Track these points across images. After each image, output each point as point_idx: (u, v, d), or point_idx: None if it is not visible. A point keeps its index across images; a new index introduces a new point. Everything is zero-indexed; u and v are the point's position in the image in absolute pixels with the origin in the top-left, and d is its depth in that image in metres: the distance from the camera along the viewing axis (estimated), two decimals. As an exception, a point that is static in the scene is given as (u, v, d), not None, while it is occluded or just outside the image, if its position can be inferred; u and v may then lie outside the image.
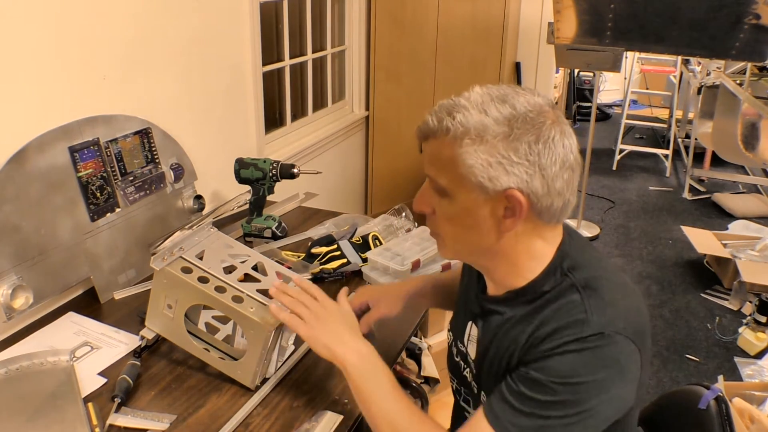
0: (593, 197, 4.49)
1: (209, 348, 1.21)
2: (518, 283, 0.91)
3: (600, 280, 0.87)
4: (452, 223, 0.89)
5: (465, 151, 0.82)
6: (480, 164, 0.82)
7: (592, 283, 0.86)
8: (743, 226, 3.85)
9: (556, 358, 0.81)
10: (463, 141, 0.82)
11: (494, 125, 0.81)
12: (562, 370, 0.80)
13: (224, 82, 2.15)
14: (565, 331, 0.82)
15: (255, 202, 1.85)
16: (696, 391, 1.06)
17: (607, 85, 6.60)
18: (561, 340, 0.81)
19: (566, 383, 0.80)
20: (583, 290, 0.85)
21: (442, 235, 0.93)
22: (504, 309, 0.92)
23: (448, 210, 0.88)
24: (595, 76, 4.28)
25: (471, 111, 0.82)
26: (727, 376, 2.51)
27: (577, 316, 0.83)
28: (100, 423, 1.08)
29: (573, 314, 0.83)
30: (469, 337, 1.01)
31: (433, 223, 0.93)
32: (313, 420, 1.10)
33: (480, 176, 0.82)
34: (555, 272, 0.89)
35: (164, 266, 1.15)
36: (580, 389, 0.80)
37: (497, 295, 0.95)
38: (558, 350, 0.81)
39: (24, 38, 1.37)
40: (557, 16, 3.22)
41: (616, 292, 0.87)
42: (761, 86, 4.04)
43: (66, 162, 1.45)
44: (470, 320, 1.01)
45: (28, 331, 1.38)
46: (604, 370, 0.81)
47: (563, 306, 0.85)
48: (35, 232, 1.37)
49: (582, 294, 0.85)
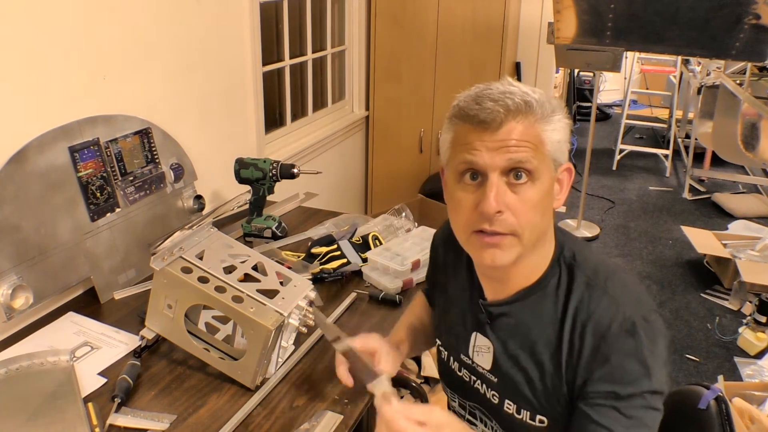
0: (593, 197, 4.48)
1: (209, 348, 1.21)
2: (527, 281, 0.91)
3: (605, 266, 0.91)
4: (537, 209, 0.84)
5: (554, 127, 0.84)
6: (564, 139, 0.85)
7: (599, 268, 0.90)
8: (743, 226, 3.85)
9: (615, 357, 0.83)
10: (554, 117, 0.84)
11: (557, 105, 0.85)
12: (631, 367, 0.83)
13: (224, 82, 2.15)
14: (607, 325, 0.84)
15: (255, 202, 1.85)
16: (696, 391, 1.06)
17: (607, 85, 6.60)
18: (610, 337, 0.84)
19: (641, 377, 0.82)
20: (594, 277, 0.88)
21: (523, 229, 0.84)
22: (517, 310, 0.92)
23: (532, 196, 0.83)
24: (595, 76, 4.27)
25: (532, 92, 0.84)
26: (727, 376, 2.51)
27: (610, 305, 0.85)
28: (100, 423, 1.08)
29: (602, 305, 0.86)
30: (476, 348, 0.99)
31: (506, 222, 0.83)
32: (313, 420, 1.10)
33: (558, 151, 0.85)
34: (560, 262, 0.91)
35: (164, 266, 1.15)
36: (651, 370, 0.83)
37: (505, 298, 0.94)
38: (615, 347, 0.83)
39: (24, 38, 1.37)
40: (557, 16, 3.22)
41: (625, 275, 0.92)
42: (761, 86, 4.04)
43: (66, 162, 1.45)
44: (474, 331, 0.99)
45: (28, 331, 1.38)
46: (659, 345, 0.85)
47: (586, 298, 0.87)
48: (35, 232, 1.37)
49: (597, 280, 0.88)
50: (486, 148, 0.82)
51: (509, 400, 0.95)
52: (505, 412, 0.96)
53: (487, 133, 0.82)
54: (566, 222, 4.02)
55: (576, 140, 5.49)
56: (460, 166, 0.85)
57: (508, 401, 0.95)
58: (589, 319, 0.85)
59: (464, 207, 0.86)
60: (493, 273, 0.93)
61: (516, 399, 0.94)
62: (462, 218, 0.87)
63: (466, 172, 0.85)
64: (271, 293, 1.16)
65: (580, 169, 3.97)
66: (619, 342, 0.83)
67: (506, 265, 0.86)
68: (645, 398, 0.83)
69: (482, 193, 0.82)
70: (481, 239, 0.85)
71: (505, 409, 0.96)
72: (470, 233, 0.86)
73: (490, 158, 0.82)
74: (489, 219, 0.82)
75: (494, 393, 0.98)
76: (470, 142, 0.83)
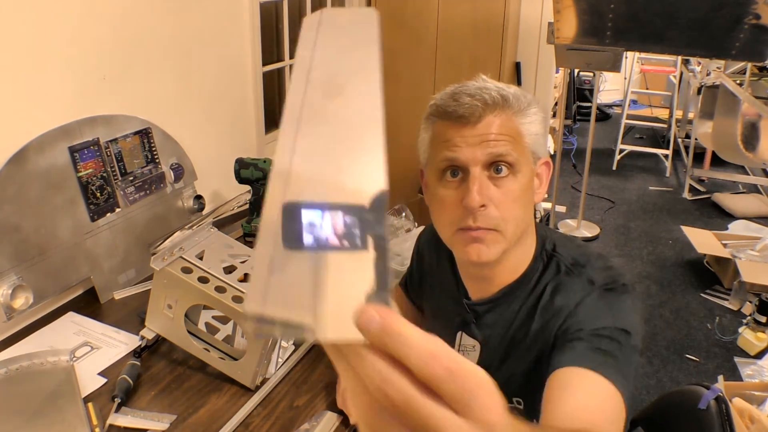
0: (593, 197, 4.48)
1: (209, 348, 1.21)
2: (510, 277, 0.92)
3: (580, 251, 0.92)
4: (519, 202, 0.85)
5: (531, 120, 0.85)
6: (542, 132, 0.86)
7: (577, 255, 0.91)
8: (743, 226, 3.85)
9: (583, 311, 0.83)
10: (530, 110, 0.85)
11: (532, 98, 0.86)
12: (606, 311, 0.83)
13: (224, 82, 2.15)
14: (582, 296, 0.85)
15: (255, 202, 1.85)
16: (696, 391, 1.06)
17: (607, 85, 6.60)
18: (586, 299, 0.84)
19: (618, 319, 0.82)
20: (573, 264, 0.90)
21: (507, 222, 0.84)
22: (501, 307, 0.92)
23: (514, 189, 0.84)
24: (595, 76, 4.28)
25: (507, 87, 0.85)
26: (727, 376, 2.51)
27: (584, 282, 0.87)
28: (100, 423, 1.08)
29: (578, 283, 0.87)
30: (462, 348, 0.99)
31: (490, 216, 0.83)
32: (313, 420, 1.10)
33: (536, 144, 0.86)
34: (542, 256, 0.92)
35: (164, 266, 1.15)
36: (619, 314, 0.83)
37: (488, 296, 0.94)
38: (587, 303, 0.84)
39: (24, 38, 1.37)
40: (557, 16, 3.21)
41: (604, 260, 0.92)
42: (761, 86, 4.04)
43: (66, 162, 1.45)
44: (458, 331, 1.00)
45: (28, 331, 1.38)
46: (635, 310, 0.85)
47: (562, 282, 0.88)
48: (35, 232, 1.37)
49: (576, 266, 0.89)
50: (466, 143, 0.82)
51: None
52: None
53: (466, 128, 0.82)
54: (566, 222, 4.02)
55: (576, 140, 5.49)
56: (441, 163, 0.85)
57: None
58: (566, 303, 0.86)
59: (447, 204, 0.86)
60: (478, 271, 0.93)
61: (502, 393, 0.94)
62: (446, 216, 0.87)
63: (447, 169, 0.85)
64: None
65: (580, 169, 3.97)
66: (589, 304, 0.84)
67: (491, 261, 0.86)
68: (613, 334, 0.80)
69: (465, 188, 0.83)
70: (465, 235, 0.85)
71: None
72: (455, 231, 0.86)
73: (471, 153, 0.82)
74: (473, 214, 0.83)
75: None
76: (450, 138, 0.83)
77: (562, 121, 4.09)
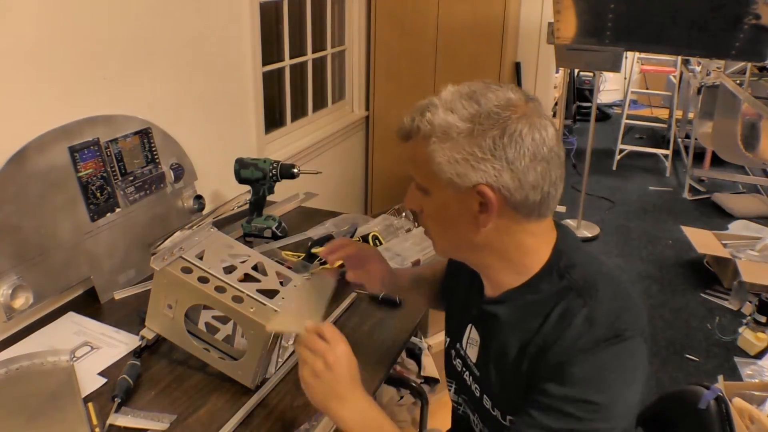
0: (593, 197, 4.48)
1: (209, 348, 1.21)
2: (514, 281, 0.90)
3: (599, 280, 0.87)
4: (434, 220, 0.92)
5: (433, 149, 0.85)
6: (447, 161, 0.84)
7: (592, 283, 0.86)
8: (743, 226, 3.85)
9: (575, 366, 0.80)
10: (431, 139, 0.85)
11: (459, 122, 0.83)
12: (585, 375, 0.80)
13: (224, 82, 2.15)
14: (576, 336, 0.82)
15: (255, 202, 1.85)
16: (696, 391, 1.06)
17: (607, 85, 6.60)
18: (575, 347, 0.81)
19: (591, 388, 0.80)
20: (584, 291, 0.85)
21: (430, 233, 0.95)
22: (503, 310, 0.92)
23: (429, 207, 0.91)
24: (595, 76, 4.28)
25: (439, 110, 0.85)
26: (727, 376, 2.51)
27: (584, 319, 0.82)
28: (100, 423, 1.08)
29: (579, 317, 0.83)
30: (469, 340, 1.00)
31: (422, 222, 0.95)
32: (313, 420, 1.10)
33: (449, 173, 0.84)
34: (552, 272, 0.88)
35: (164, 266, 1.15)
36: (606, 390, 0.80)
37: (494, 296, 0.94)
38: (575, 357, 0.81)
39: (24, 38, 1.37)
40: (557, 16, 3.21)
41: (617, 290, 0.88)
42: (761, 86, 4.04)
43: (66, 162, 1.45)
44: (469, 323, 1.00)
45: (28, 331, 1.38)
46: (623, 368, 0.81)
47: (566, 310, 0.84)
48: (35, 232, 1.37)
49: (584, 296, 0.84)
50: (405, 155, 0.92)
51: (486, 395, 0.96)
52: (483, 406, 0.97)
53: (403, 144, 0.91)
54: (566, 222, 4.02)
55: (576, 140, 5.50)
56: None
57: (486, 396, 0.97)
58: (559, 339, 0.83)
59: None
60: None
61: (491, 395, 0.95)
62: None
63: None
64: (271, 293, 1.16)
65: (580, 169, 3.97)
66: (578, 357, 0.81)
67: (441, 257, 1.02)
68: (578, 409, 0.79)
69: None
70: None
71: (484, 404, 0.97)
72: None
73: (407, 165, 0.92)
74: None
75: (476, 386, 0.99)
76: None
77: (562, 121, 4.09)
